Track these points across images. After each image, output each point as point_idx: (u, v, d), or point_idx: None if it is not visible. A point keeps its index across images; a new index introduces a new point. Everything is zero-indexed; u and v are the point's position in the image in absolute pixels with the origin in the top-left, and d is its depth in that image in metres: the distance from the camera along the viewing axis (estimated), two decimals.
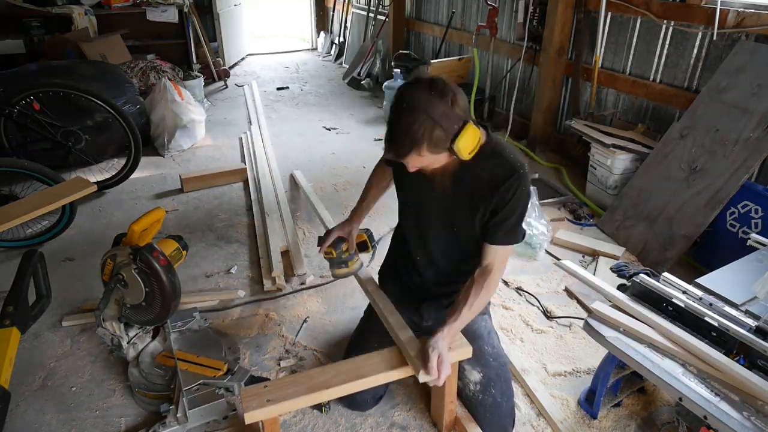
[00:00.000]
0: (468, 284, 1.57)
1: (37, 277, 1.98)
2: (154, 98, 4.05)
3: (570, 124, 3.47)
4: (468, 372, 1.71)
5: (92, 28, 5.17)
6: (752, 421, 1.29)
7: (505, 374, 1.74)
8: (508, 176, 1.49)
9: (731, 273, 1.84)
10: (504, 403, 1.68)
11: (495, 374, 1.70)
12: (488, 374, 1.68)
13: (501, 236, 1.55)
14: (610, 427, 1.78)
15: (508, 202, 1.50)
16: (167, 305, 1.78)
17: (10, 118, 3.12)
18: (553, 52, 3.75)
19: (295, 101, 5.61)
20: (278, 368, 2.03)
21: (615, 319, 1.64)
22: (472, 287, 1.54)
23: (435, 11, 5.57)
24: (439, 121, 1.31)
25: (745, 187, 2.48)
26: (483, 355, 1.72)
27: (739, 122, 2.58)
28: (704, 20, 2.87)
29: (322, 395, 1.42)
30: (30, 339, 2.14)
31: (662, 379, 1.43)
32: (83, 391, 1.91)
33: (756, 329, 1.51)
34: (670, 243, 2.62)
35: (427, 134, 1.32)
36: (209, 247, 2.85)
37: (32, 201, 2.36)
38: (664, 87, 3.17)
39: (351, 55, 6.91)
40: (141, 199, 3.39)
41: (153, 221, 1.92)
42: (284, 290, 2.48)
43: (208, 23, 6.44)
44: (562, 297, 2.47)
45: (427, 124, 1.31)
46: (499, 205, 1.51)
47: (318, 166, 3.93)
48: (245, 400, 1.37)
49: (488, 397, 1.66)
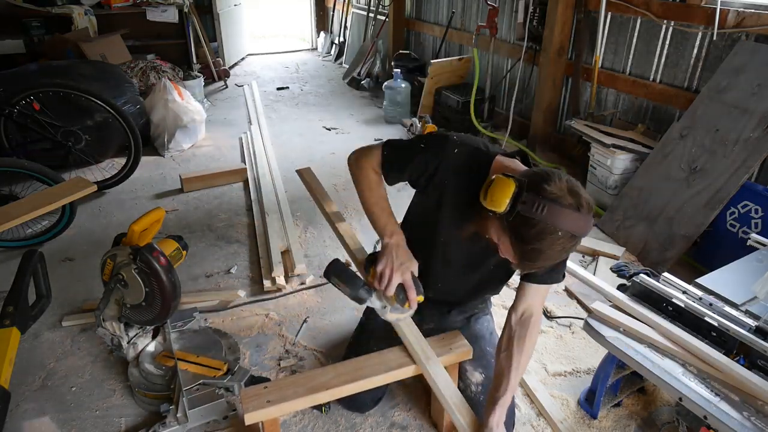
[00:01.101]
0: (507, 338, 1.45)
1: (37, 277, 1.98)
2: (154, 98, 4.04)
3: (570, 124, 3.47)
4: (470, 373, 1.70)
5: (92, 28, 5.16)
6: (752, 421, 1.29)
7: None
8: None
9: (731, 273, 1.84)
10: None
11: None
12: (489, 375, 1.67)
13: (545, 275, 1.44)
14: (610, 427, 1.78)
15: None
16: (167, 305, 1.78)
17: (10, 118, 3.11)
18: (553, 52, 3.75)
19: (295, 101, 5.61)
20: (278, 368, 2.03)
21: (615, 319, 1.64)
22: (513, 344, 1.42)
23: (435, 11, 5.57)
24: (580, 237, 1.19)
25: (745, 187, 2.48)
26: (485, 356, 1.71)
27: (739, 122, 2.58)
28: (704, 20, 2.87)
29: (322, 396, 1.42)
30: (30, 339, 2.14)
31: (662, 379, 1.43)
32: (83, 391, 1.91)
33: (756, 329, 1.51)
34: (670, 243, 2.62)
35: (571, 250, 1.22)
36: (209, 247, 2.85)
37: (32, 201, 2.36)
38: (664, 87, 3.17)
39: (351, 55, 6.91)
40: (141, 199, 3.39)
41: (153, 221, 1.92)
42: (284, 290, 2.48)
43: (208, 23, 6.43)
44: (562, 297, 2.47)
45: (575, 243, 1.19)
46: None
47: (318, 166, 3.91)
48: (245, 401, 1.37)
49: None
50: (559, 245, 1.16)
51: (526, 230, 1.16)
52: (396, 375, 1.52)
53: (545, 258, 1.19)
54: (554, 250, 1.17)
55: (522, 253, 1.20)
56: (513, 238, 1.20)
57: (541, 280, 1.46)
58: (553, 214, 1.13)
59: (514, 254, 1.23)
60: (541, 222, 1.14)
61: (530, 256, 1.19)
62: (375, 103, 5.53)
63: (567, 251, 1.20)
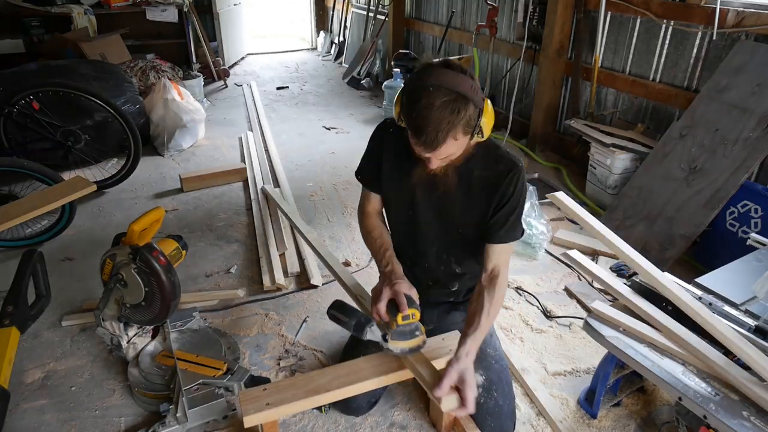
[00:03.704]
0: (477, 291, 1.55)
1: (36, 277, 1.98)
2: (154, 98, 4.04)
3: (570, 123, 3.47)
4: None
5: (92, 28, 5.16)
6: (752, 421, 1.29)
7: (507, 377, 1.73)
8: (509, 170, 1.48)
9: (731, 273, 1.84)
10: (505, 406, 1.66)
11: (497, 377, 1.68)
12: (490, 377, 1.67)
13: (504, 233, 1.54)
14: (610, 426, 1.78)
15: (511, 196, 1.50)
16: (167, 305, 1.78)
17: (9, 118, 3.11)
18: (552, 52, 3.75)
19: (295, 101, 5.61)
20: (278, 368, 2.03)
21: (615, 319, 1.64)
22: (483, 294, 1.51)
23: (435, 11, 5.57)
24: (471, 96, 1.25)
25: (745, 187, 2.48)
26: (485, 358, 1.70)
27: (738, 122, 2.58)
28: (704, 20, 2.87)
29: (321, 398, 1.42)
30: (30, 339, 2.14)
31: (662, 379, 1.43)
32: (83, 391, 1.90)
33: (755, 329, 1.51)
34: (670, 242, 2.62)
35: (463, 112, 1.24)
36: (209, 246, 2.85)
37: (32, 201, 2.36)
38: (664, 86, 3.17)
39: (351, 54, 6.91)
40: (141, 199, 3.39)
41: (153, 221, 1.91)
42: (284, 290, 2.48)
43: (208, 23, 6.43)
44: (562, 296, 2.48)
45: (461, 102, 1.24)
46: (501, 200, 1.51)
47: (318, 166, 3.93)
48: (244, 404, 1.37)
49: (490, 401, 1.64)
50: (437, 99, 1.23)
51: (408, 100, 1.29)
52: (396, 377, 1.52)
53: (433, 120, 1.24)
54: (434, 106, 1.23)
55: (414, 126, 1.27)
56: (406, 120, 1.31)
57: (502, 239, 1.55)
58: (422, 74, 1.28)
59: (412, 134, 1.31)
60: (414, 86, 1.28)
61: (420, 123, 1.25)
62: (375, 103, 5.52)
63: (451, 110, 1.23)
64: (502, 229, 1.53)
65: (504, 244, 1.56)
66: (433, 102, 1.23)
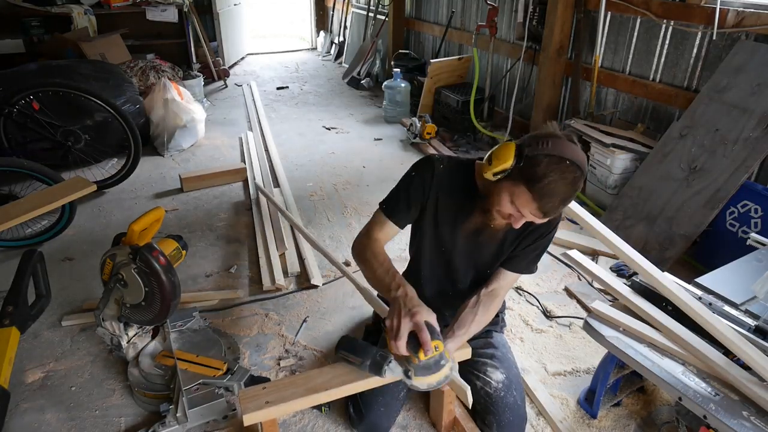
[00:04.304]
0: (474, 300, 1.58)
1: (36, 277, 1.98)
2: (154, 98, 4.04)
3: (570, 123, 3.47)
4: (491, 372, 1.71)
5: (92, 28, 5.16)
6: (752, 421, 1.29)
7: (521, 383, 1.77)
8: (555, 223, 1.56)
9: (731, 272, 1.84)
10: (522, 406, 1.70)
11: (516, 379, 1.73)
12: (510, 377, 1.71)
13: (524, 265, 1.61)
14: (610, 426, 1.78)
15: (546, 235, 1.56)
16: (167, 305, 1.78)
17: (9, 118, 3.11)
18: (552, 52, 3.75)
19: (295, 101, 5.61)
20: (278, 368, 2.03)
21: (615, 319, 1.64)
22: (479, 305, 1.56)
23: (435, 11, 5.57)
24: (585, 172, 1.31)
25: (745, 187, 2.48)
26: (506, 360, 1.76)
27: (738, 122, 2.58)
28: (704, 20, 2.87)
29: (320, 397, 1.42)
30: (30, 339, 2.14)
31: (662, 379, 1.43)
32: (83, 391, 1.90)
33: (755, 329, 1.51)
34: (670, 242, 2.62)
35: (580, 186, 1.31)
36: (209, 246, 2.85)
37: (32, 201, 2.35)
38: (664, 86, 3.17)
39: (351, 54, 6.91)
40: (141, 199, 3.39)
41: (153, 221, 1.91)
42: (284, 290, 2.48)
43: (208, 23, 6.44)
44: (562, 296, 2.48)
45: (582, 179, 1.30)
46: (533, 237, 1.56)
47: (318, 166, 3.93)
48: (243, 402, 1.37)
49: (510, 397, 1.68)
50: (570, 174, 1.25)
51: (538, 167, 1.25)
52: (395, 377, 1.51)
53: (561, 192, 1.27)
54: (566, 180, 1.25)
55: (540, 192, 1.27)
56: (527, 183, 1.27)
57: (516, 269, 1.61)
58: (555, 145, 1.26)
59: (532, 199, 1.28)
60: (548, 155, 1.25)
61: (547, 192, 1.26)
62: (375, 103, 5.52)
63: (576, 185, 1.28)
64: (523, 261, 1.60)
65: (516, 273, 1.62)
66: (566, 176, 1.26)
